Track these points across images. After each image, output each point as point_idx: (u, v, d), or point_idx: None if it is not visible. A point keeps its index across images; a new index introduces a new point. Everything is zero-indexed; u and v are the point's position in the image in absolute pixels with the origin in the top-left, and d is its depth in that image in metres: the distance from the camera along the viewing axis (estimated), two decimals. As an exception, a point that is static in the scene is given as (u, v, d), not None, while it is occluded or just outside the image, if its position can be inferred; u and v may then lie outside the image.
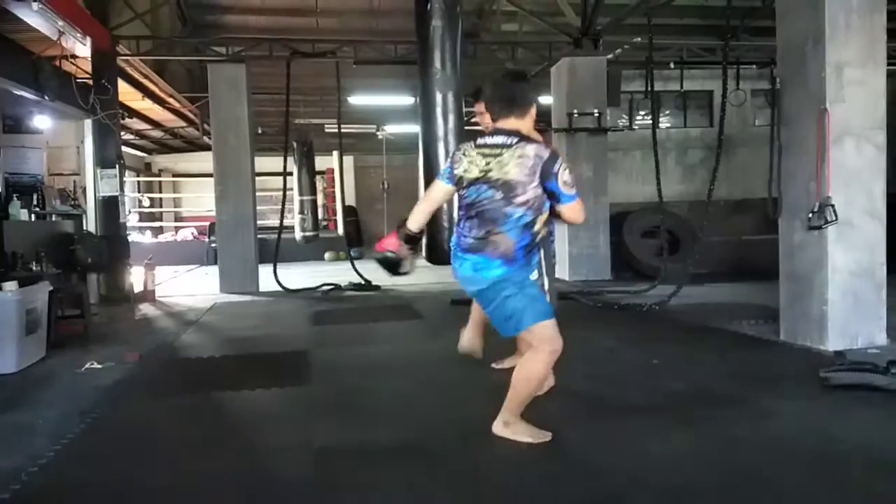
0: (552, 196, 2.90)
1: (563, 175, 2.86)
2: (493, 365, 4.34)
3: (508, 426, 3.11)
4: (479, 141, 2.99)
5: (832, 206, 4.75)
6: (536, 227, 2.99)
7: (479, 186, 2.91)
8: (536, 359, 3.05)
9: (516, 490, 2.71)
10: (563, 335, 3.06)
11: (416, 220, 3.14)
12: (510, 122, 2.99)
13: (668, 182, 9.04)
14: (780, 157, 5.17)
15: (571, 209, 2.94)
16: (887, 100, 4.94)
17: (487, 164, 2.89)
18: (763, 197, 5.46)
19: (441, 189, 3.13)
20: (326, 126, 15.25)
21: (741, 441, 3.16)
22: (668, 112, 12.62)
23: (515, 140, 2.88)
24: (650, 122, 9.52)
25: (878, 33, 4.88)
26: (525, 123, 3.01)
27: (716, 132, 6.82)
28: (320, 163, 15.19)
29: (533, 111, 3.06)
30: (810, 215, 4.85)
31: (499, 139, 2.92)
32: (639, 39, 9.70)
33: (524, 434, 3.11)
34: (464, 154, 3.00)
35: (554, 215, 3.05)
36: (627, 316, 6.74)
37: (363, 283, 9.29)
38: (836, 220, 4.75)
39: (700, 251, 7.05)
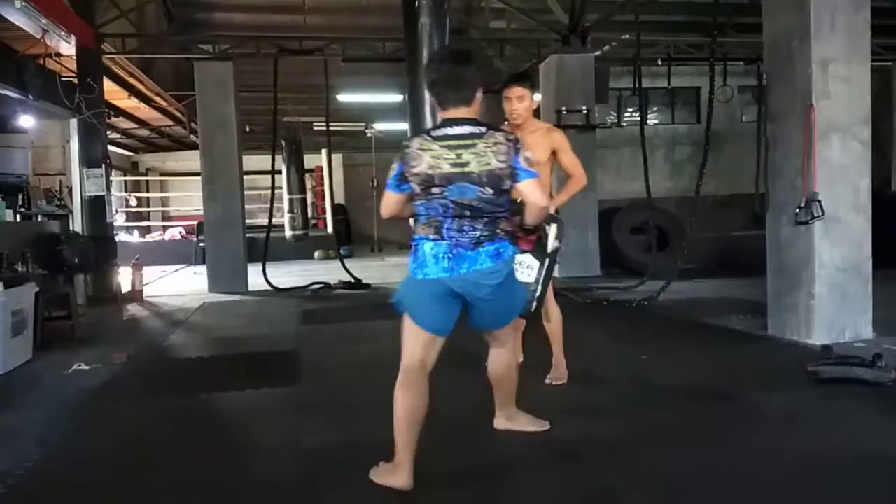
0: (512, 174, 2.62)
1: (524, 152, 2.65)
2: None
3: (512, 419, 3.20)
4: (437, 133, 2.65)
5: (819, 201, 4.79)
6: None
7: (462, 187, 2.58)
8: (509, 351, 3.10)
9: (507, 487, 2.71)
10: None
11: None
12: (461, 112, 2.67)
13: (656, 178, 9.08)
14: (767, 153, 5.21)
15: (530, 185, 2.63)
16: (871, 95, 4.98)
17: (459, 155, 2.58)
18: (750, 193, 5.49)
19: (394, 200, 2.76)
20: (315, 124, 15.21)
21: (730, 436, 3.19)
22: (655, 109, 12.68)
23: (485, 129, 2.64)
24: (638, 118, 9.55)
25: (863, 30, 4.92)
26: (474, 109, 2.71)
27: (703, 128, 6.86)
28: (309, 161, 15.14)
29: (480, 94, 2.73)
30: (797, 211, 4.88)
31: (466, 129, 2.62)
32: (627, 36, 9.73)
33: (527, 424, 3.23)
34: (420, 149, 2.63)
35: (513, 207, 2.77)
36: (617, 312, 6.76)
37: (353, 281, 9.27)
38: (823, 215, 4.79)
39: (688, 247, 7.08)
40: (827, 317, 4.88)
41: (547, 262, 3.45)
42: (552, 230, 3.38)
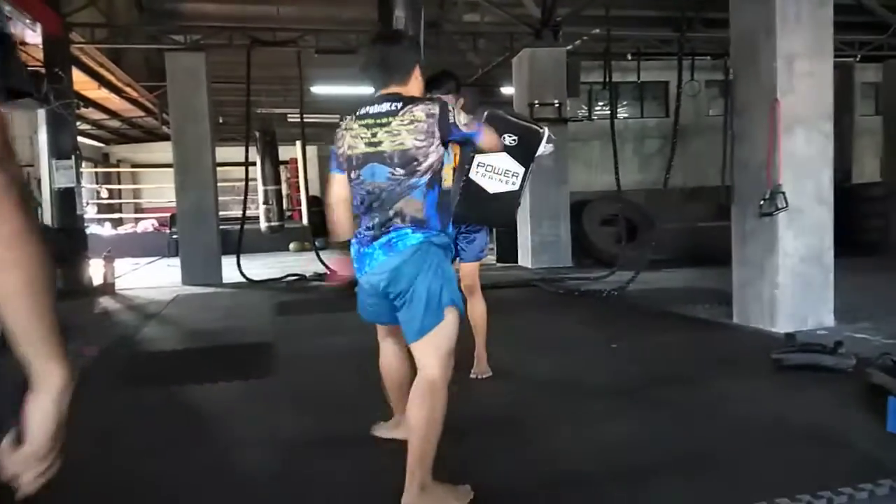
0: (465, 144, 2.74)
1: (460, 118, 2.50)
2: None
3: (424, 490, 2.37)
4: (361, 111, 2.56)
5: (783, 193, 4.91)
6: (445, 183, 2.68)
7: (373, 167, 2.48)
8: (438, 381, 2.41)
9: (480, 473, 2.77)
10: (526, 321, 3.11)
11: (342, 231, 2.74)
12: (391, 89, 2.58)
13: (625, 171, 9.20)
14: (733, 147, 5.32)
15: (485, 140, 2.68)
16: (834, 90, 5.11)
17: (374, 134, 2.48)
18: (717, 185, 5.61)
19: (338, 181, 2.70)
20: (289, 115, 15.11)
21: (697, 422, 3.28)
22: (625, 103, 12.80)
23: (400, 105, 2.48)
24: (609, 112, 9.65)
25: (826, 25, 5.04)
26: (410, 88, 2.60)
27: (671, 122, 6.97)
28: (284, 153, 15.04)
29: (417, 73, 2.63)
30: (762, 202, 4.99)
31: (384, 106, 2.50)
32: (597, 31, 9.83)
33: (449, 500, 2.49)
34: (345, 129, 2.60)
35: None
36: (587, 302, 6.86)
37: (328, 272, 9.27)
38: (787, 206, 4.91)
39: (657, 238, 7.21)
40: (790, 305, 5.01)
41: (532, 167, 3.33)
42: (545, 132, 3.32)
